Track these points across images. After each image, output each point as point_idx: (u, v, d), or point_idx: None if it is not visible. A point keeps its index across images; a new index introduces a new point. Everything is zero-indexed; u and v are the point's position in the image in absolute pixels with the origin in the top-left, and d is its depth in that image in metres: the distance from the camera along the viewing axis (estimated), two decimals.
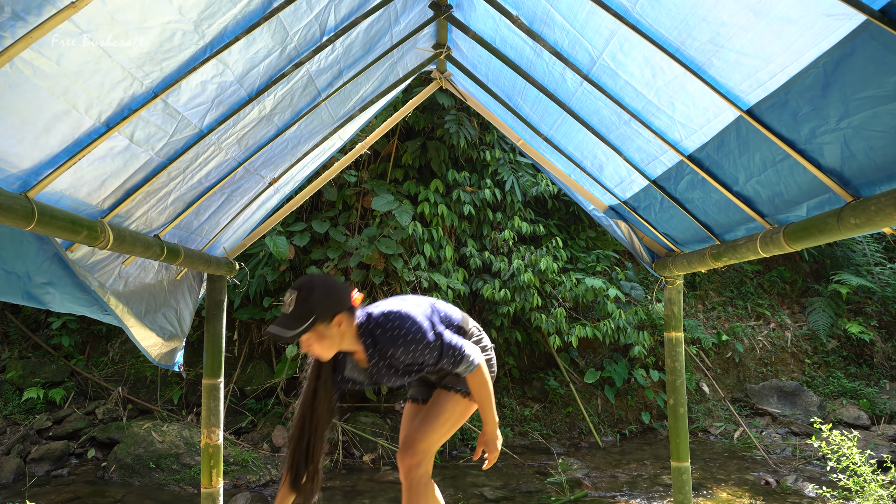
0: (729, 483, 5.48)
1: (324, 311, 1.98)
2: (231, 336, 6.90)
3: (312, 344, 2.01)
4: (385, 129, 3.04)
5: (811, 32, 1.32)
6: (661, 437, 7.19)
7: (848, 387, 7.77)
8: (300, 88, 2.24)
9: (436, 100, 6.38)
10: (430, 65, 2.89)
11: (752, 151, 1.81)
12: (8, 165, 1.41)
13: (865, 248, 9.12)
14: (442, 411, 2.33)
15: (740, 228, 2.22)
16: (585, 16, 1.85)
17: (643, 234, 3.02)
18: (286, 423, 6.26)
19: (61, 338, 6.90)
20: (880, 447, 6.17)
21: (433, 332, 2.13)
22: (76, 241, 1.66)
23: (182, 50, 1.54)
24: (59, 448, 5.79)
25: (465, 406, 2.36)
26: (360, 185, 6.58)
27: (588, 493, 5.17)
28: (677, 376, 3.01)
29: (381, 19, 2.24)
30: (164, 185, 2.01)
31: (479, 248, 6.97)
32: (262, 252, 6.27)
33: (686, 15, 1.54)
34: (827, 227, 1.56)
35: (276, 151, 2.60)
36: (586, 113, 2.39)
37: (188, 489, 5.20)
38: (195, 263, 2.55)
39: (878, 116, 1.32)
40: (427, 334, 2.10)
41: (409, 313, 2.11)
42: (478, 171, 7.14)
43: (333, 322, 2.01)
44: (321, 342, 2.02)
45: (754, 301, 8.93)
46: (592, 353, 7.70)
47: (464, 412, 2.38)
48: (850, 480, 3.57)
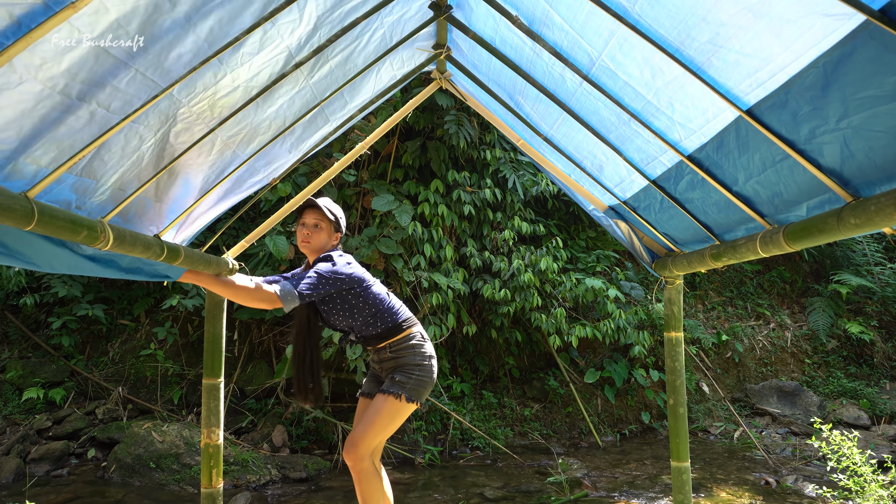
0: (729, 483, 5.48)
1: (337, 222, 2.92)
2: (231, 336, 6.90)
3: (311, 226, 2.84)
4: (385, 129, 3.05)
5: (811, 32, 1.32)
6: (661, 437, 7.19)
7: (848, 387, 7.77)
8: (298, 90, 2.24)
9: (435, 100, 6.38)
10: (430, 65, 2.89)
11: (752, 151, 1.81)
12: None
13: (865, 248, 9.12)
14: (377, 412, 2.70)
15: (740, 228, 2.22)
16: (585, 16, 1.85)
17: (643, 234, 3.02)
18: (286, 424, 6.26)
19: (61, 338, 6.90)
20: (880, 447, 6.17)
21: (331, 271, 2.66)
22: (76, 241, 1.66)
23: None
24: (59, 448, 5.79)
25: (399, 407, 2.71)
26: (359, 185, 6.58)
27: (588, 493, 5.17)
28: (677, 376, 3.02)
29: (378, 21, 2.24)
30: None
31: (479, 248, 6.97)
32: (262, 252, 6.27)
33: (685, 15, 1.54)
34: (827, 227, 1.56)
35: (274, 151, 2.61)
36: (586, 113, 2.40)
37: (188, 489, 5.20)
38: (195, 263, 2.55)
39: (878, 116, 1.32)
40: (331, 260, 2.70)
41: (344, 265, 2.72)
42: (478, 171, 7.14)
43: (332, 231, 2.90)
44: (317, 231, 2.85)
45: (754, 301, 8.93)
46: (592, 353, 7.70)
47: (397, 412, 2.72)
48: (851, 480, 3.57)
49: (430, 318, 6.28)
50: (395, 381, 2.74)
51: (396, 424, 2.78)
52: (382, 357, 2.86)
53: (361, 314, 2.79)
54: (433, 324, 6.22)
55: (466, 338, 7.20)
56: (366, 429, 2.69)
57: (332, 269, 2.67)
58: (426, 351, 2.83)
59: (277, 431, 6.15)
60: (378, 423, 2.69)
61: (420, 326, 2.90)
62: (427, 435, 6.48)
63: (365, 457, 2.71)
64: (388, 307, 2.84)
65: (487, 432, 6.65)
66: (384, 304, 2.83)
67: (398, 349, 2.81)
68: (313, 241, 2.86)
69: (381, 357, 2.87)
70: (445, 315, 6.40)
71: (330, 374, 6.35)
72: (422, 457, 6.09)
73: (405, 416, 2.77)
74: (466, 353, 7.43)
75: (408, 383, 2.73)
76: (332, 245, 2.92)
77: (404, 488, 5.31)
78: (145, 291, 7.44)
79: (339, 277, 2.67)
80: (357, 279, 2.77)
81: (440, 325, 6.27)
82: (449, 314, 6.39)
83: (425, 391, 2.78)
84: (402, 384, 2.72)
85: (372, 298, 2.80)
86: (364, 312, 2.79)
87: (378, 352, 2.87)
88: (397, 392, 2.70)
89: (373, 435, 2.70)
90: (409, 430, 6.39)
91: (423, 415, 6.56)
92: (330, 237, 2.90)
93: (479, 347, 7.46)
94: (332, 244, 2.92)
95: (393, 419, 2.73)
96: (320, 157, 6.37)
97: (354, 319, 2.80)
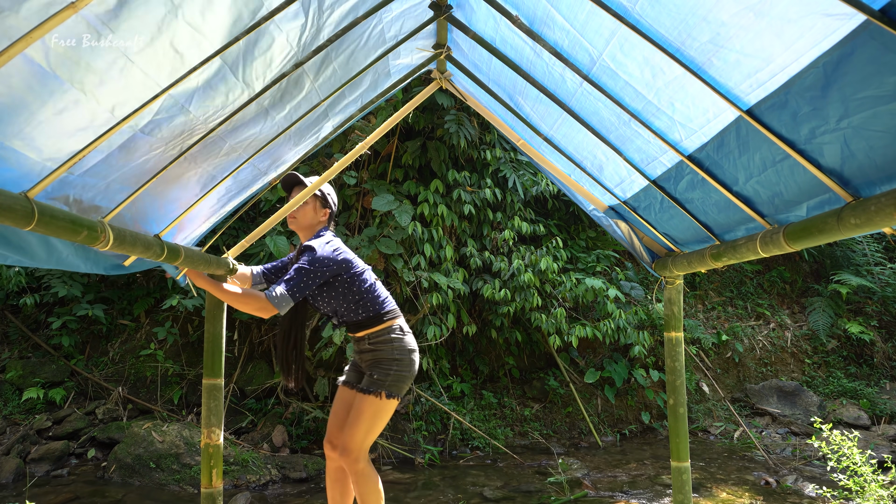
0: (729, 483, 5.48)
1: (324, 197, 2.95)
2: (231, 336, 6.90)
3: (298, 203, 2.83)
4: (385, 129, 3.04)
5: (811, 32, 1.32)
6: (661, 437, 7.19)
7: (848, 387, 7.77)
8: (296, 88, 2.24)
9: (435, 100, 6.38)
10: (431, 65, 2.89)
11: (752, 151, 1.81)
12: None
13: (865, 248, 9.12)
14: (361, 414, 2.73)
15: (740, 228, 2.22)
16: (585, 16, 1.85)
17: (643, 234, 3.02)
18: (286, 423, 6.26)
19: (61, 338, 6.90)
20: (880, 447, 6.17)
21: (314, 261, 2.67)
22: (76, 241, 1.66)
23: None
24: (58, 448, 5.79)
25: (380, 405, 2.74)
26: (359, 185, 6.58)
27: (588, 492, 5.17)
28: (677, 376, 3.01)
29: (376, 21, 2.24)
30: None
31: (480, 248, 6.97)
32: (262, 252, 6.26)
33: (686, 15, 1.54)
34: (827, 227, 1.56)
35: (275, 148, 2.61)
36: (586, 113, 2.40)
37: (188, 489, 5.20)
38: (195, 263, 2.55)
39: (878, 116, 1.32)
40: (313, 250, 2.70)
41: (329, 252, 2.74)
42: (478, 170, 7.13)
43: (319, 206, 2.93)
44: (303, 207, 2.89)
45: (754, 301, 8.93)
46: (592, 353, 7.70)
47: (380, 409, 2.74)
48: (851, 480, 3.57)
49: (430, 318, 6.28)
50: (374, 379, 2.76)
51: (383, 421, 2.80)
52: (362, 348, 2.89)
53: (346, 300, 2.81)
54: (433, 324, 6.22)
55: (466, 338, 7.20)
56: (354, 432, 2.73)
57: (314, 258, 2.67)
58: (405, 345, 2.84)
59: (277, 431, 6.15)
60: (363, 424, 2.73)
61: (402, 319, 2.91)
62: (427, 435, 6.48)
63: (360, 458, 2.74)
64: (373, 296, 2.85)
65: (487, 432, 6.65)
66: (369, 293, 2.84)
67: (376, 342, 2.83)
68: (300, 217, 2.90)
69: (360, 348, 2.90)
70: (445, 315, 6.40)
71: (330, 374, 6.35)
72: (422, 457, 6.09)
73: (390, 411, 2.80)
74: (466, 353, 7.43)
75: (386, 380, 2.76)
76: (321, 221, 2.95)
77: (404, 488, 5.31)
78: (145, 291, 7.44)
79: (323, 265, 2.69)
80: (344, 265, 2.78)
81: (440, 325, 6.27)
82: (449, 314, 6.39)
83: (405, 385, 2.81)
84: (380, 382, 2.75)
85: (357, 284, 2.82)
86: (348, 298, 2.81)
87: (358, 342, 2.91)
88: (377, 390, 2.73)
89: (362, 436, 2.73)
90: (409, 430, 6.39)
91: (423, 415, 6.57)
92: (317, 212, 2.92)
93: (479, 347, 7.46)
94: (321, 220, 2.95)
95: (377, 417, 2.75)
96: (320, 157, 6.37)
97: (339, 304, 2.82)
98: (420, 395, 6.53)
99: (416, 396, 6.53)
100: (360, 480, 2.76)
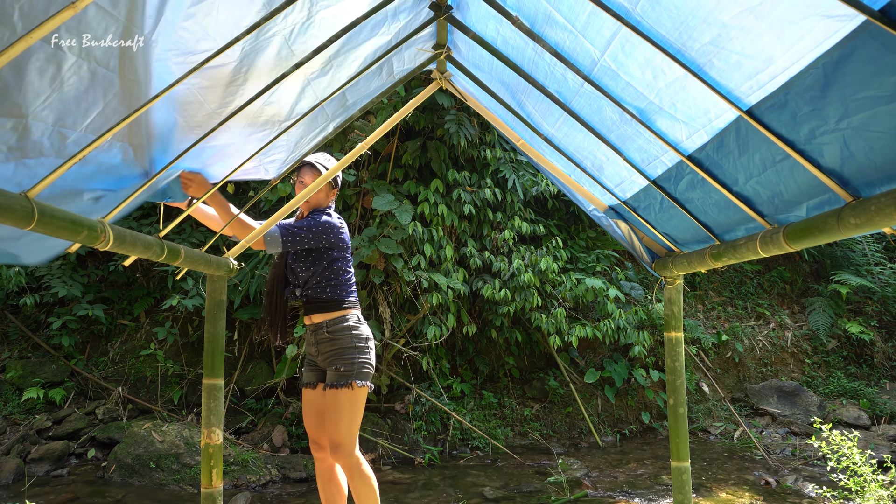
0: (729, 483, 5.48)
1: (334, 180, 3.08)
2: (231, 336, 6.90)
3: (307, 176, 3.00)
4: (385, 129, 3.04)
5: (812, 34, 1.32)
6: (661, 437, 7.19)
7: (848, 387, 7.77)
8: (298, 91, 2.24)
9: (435, 100, 6.38)
10: (431, 65, 2.89)
11: (752, 152, 1.81)
12: None
13: (865, 248, 9.12)
14: (339, 409, 2.78)
15: (740, 228, 2.22)
16: (586, 17, 1.85)
17: (643, 234, 3.02)
18: (286, 423, 6.26)
19: (61, 338, 6.90)
20: (880, 447, 6.17)
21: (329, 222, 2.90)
22: (76, 240, 1.66)
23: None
24: (58, 448, 5.79)
25: (354, 395, 2.80)
26: (360, 185, 6.58)
27: (588, 492, 5.17)
28: (677, 376, 3.02)
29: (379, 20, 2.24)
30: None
31: (479, 248, 6.97)
32: (262, 252, 6.27)
33: (687, 17, 1.54)
34: (827, 227, 1.56)
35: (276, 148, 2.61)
36: (587, 114, 2.40)
37: (188, 489, 5.20)
38: (195, 263, 2.55)
39: (878, 117, 1.32)
40: (325, 215, 2.94)
41: (338, 223, 2.97)
42: (478, 170, 7.13)
43: (329, 187, 3.06)
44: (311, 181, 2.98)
45: (754, 301, 8.93)
46: (592, 353, 7.70)
47: (355, 399, 2.81)
48: (851, 480, 3.57)
49: (430, 318, 6.29)
50: (341, 372, 2.83)
51: (361, 409, 2.88)
52: (319, 338, 2.95)
53: (323, 275, 2.94)
54: (433, 324, 6.22)
55: (466, 338, 7.21)
56: (338, 428, 2.79)
57: (322, 221, 2.87)
58: (362, 333, 2.93)
59: (277, 431, 6.15)
60: (344, 418, 2.79)
61: (359, 311, 3.03)
62: (427, 435, 6.48)
63: (352, 452, 2.81)
64: (346, 282, 2.98)
65: (487, 432, 6.66)
66: (344, 277, 2.97)
67: (334, 329, 2.90)
68: (311, 199, 3.05)
69: (317, 339, 2.96)
70: (445, 315, 6.40)
71: None
72: (422, 457, 6.09)
73: (364, 398, 2.88)
74: (466, 353, 7.43)
75: (352, 369, 2.83)
76: (329, 202, 3.11)
77: (404, 488, 5.31)
78: (145, 291, 7.44)
79: (326, 231, 2.88)
80: (341, 243, 2.95)
81: (440, 325, 6.28)
82: (449, 314, 6.39)
83: (371, 370, 2.90)
84: (347, 374, 2.82)
85: (339, 265, 2.95)
86: (325, 274, 2.94)
87: (315, 332, 2.97)
88: (347, 382, 2.81)
89: (346, 430, 2.80)
90: (409, 430, 6.39)
91: (423, 415, 6.57)
92: (327, 195, 3.08)
93: (479, 347, 7.46)
94: (329, 201, 3.11)
95: (354, 407, 2.82)
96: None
97: (313, 274, 2.94)
98: (420, 395, 6.53)
99: (416, 396, 6.54)
100: (354, 474, 2.82)
